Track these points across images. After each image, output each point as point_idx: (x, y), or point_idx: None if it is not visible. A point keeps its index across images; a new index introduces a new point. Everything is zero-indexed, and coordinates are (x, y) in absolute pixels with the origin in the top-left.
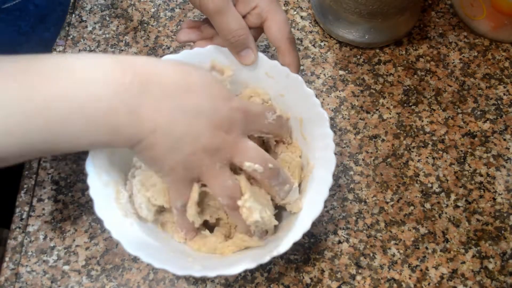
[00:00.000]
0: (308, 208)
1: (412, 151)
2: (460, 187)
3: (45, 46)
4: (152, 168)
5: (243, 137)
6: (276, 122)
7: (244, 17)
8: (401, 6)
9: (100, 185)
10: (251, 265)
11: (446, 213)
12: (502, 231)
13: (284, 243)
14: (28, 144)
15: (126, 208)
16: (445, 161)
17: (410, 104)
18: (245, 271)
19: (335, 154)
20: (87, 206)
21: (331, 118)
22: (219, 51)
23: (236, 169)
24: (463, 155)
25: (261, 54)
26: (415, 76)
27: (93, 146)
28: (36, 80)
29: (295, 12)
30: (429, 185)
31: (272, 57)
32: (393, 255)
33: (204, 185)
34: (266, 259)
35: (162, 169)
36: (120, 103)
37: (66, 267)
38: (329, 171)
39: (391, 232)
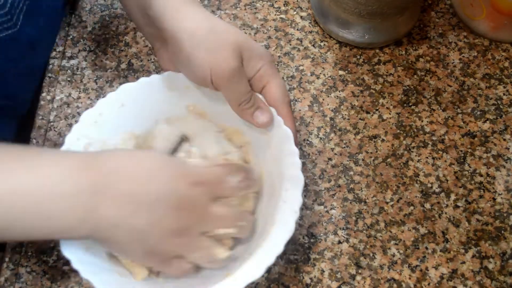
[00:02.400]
0: (280, 230)
1: (412, 151)
2: (460, 187)
3: (34, 73)
4: (123, 257)
5: (209, 205)
6: (244, 183)
7: (249, 81)
8: (401, 6)
9: None
10: None
11: (446, 213)
12: (502, 231)
13: (258, 267)
14: None
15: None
16: (445, 161)
17: (410, 104)
18: None
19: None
20: None
21: (331, 119)
22: None
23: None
24: (463, 155)
25: None
26: (415, 76)
27: (49, 238)
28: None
29: (295, 12)
30: (429, 185)
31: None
32: (393, 255)
33: None
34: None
35: (134, 259)
36: (77, 203)
37: (66, 267)
38: (284, 238)
39: (391, 232)
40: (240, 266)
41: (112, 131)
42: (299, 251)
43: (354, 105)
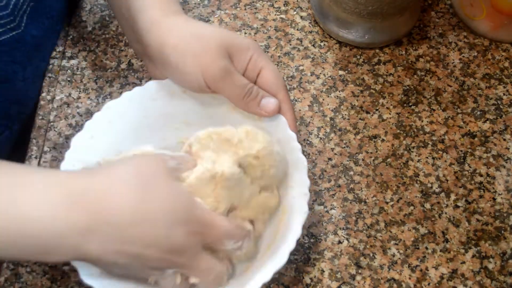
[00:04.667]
0: (294, 214)
1: (412, 151)
2: (460, 187)
3: (39, 76)
4: None
5: (200, 254)
6: (237, 246)
7: (243, 74)
8: (401, 6)
9: None
10: None
11: (446, 213)
12: (502, 231)
13: (281, 254)
14: None
15: None
16: (445, 161)
17: (410, 104)
18: None
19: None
20: None
21: (331, 119)
22: None
23: None
24: (463, 155)
25: None
26: (415, 76)
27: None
28: None
29: (295, 12)
30: (429, 185)
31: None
32: (393, 255)
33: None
34: None
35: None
36: (62, 242)
37: (66, 267)
38: (300, 221)
39: (391, 232)
40: (261, 256)
41: (106, 150)
42: (299, 251)
43: (354, 105)
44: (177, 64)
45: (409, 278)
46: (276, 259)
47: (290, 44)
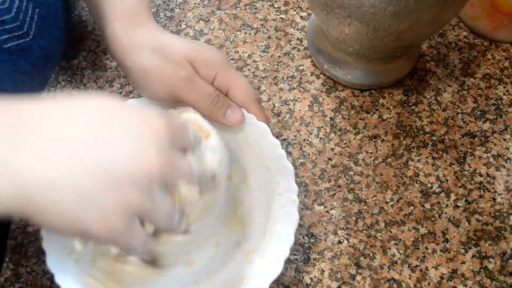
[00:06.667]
0: (267, 268)
1: (412, 151)
2: (460, 187)
3: (45, 85)
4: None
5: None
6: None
7: None
8: (388, 54)
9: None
10: None
11: (446, 213)
12: (502, 231)
13: (276, 263)
14: None
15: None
16: (445, 161)
17: (410, 104)
18: None
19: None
20: None
21: (331, 118)
22: None
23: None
24: (463, 155)
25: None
26: (415, 76)
27: None
28: None
29: (295, 12)
30: (429, 185)
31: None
32: (393, 255)
33: None
34: None
35: (82, 232)
36: None
37: None
38: (292, 229)
39: (391, 232)
40: (256, 266)
41: None
42: (299, 251)
43: (354, 105)
44: (138, 80)
45: (409, 278)
46: (271, 268)
47: (290, 44)
